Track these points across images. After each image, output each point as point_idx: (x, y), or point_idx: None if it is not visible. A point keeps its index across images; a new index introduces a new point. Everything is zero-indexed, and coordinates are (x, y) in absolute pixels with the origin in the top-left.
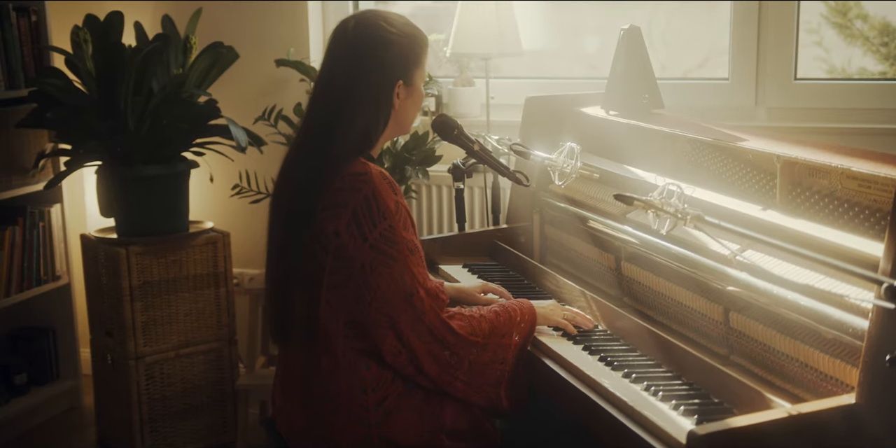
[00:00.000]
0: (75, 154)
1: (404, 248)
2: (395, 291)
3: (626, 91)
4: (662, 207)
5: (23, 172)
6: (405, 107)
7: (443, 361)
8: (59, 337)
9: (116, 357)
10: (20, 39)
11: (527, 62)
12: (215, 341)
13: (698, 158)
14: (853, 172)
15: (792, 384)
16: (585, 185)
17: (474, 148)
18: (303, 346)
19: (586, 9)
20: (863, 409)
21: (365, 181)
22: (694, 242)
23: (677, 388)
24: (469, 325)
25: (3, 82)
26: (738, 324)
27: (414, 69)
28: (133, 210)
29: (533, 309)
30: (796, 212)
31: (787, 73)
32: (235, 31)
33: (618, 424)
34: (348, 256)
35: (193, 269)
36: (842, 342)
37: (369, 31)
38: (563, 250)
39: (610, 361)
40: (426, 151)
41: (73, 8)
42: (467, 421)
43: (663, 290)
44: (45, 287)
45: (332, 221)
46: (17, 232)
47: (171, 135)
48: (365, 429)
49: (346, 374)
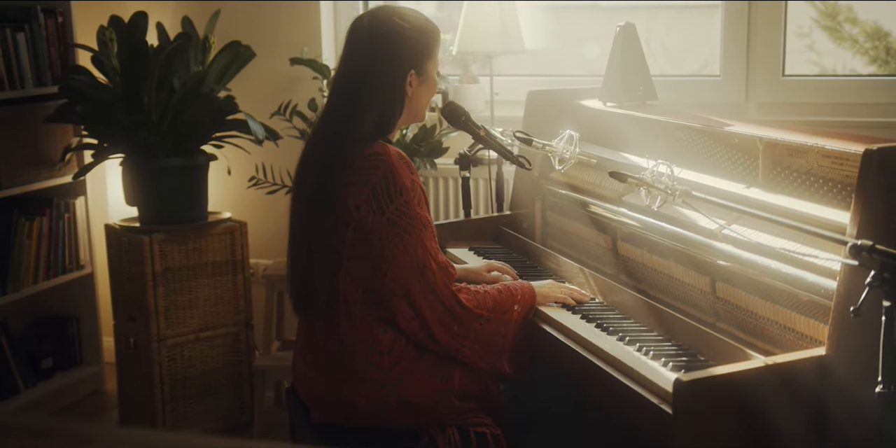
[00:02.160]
0: (101, 147)
1: (418, 223)
2: (409, 262)
3: (621, 84)
4: (653, 184)
5: (49, 166)
6: (418, 94)
7: (451, 330)
8: (83, 324)
9: (139, 340)
10: (47, 39)
11: (529, 62)
12: (233, 325)
13: (689, 144)
14: (827, 151)
15: (772, 345)
16: (584, 171)
17: (480, 133)
18: (323, 314)
19: (587, 15)
20: (832, 360)
21: (384, 160)
22: (684, 220)
23: (667, 348)
24: (475, 298)
25: (31, 80)
26: (723, 293)
27: (426, 60)
28: (155, 200)
29: (532, 289)
30: (777, 189)
31: (775, 70)
32: (252, 31)
33: (613, 381)
34: (367, 229)
35: (212, 256)
36: (816, 303)
37: (383, 26)
38: (563, 234)
39: (605, 327)
40: (434, 143)
41: (96, 9)
42: (474, 383)
43: (656, 266)
44: (69, 276)
45: (353, 197)
46: (45, 223)
47: (192, 128)
48: (380, 389)
49: (364, 338)
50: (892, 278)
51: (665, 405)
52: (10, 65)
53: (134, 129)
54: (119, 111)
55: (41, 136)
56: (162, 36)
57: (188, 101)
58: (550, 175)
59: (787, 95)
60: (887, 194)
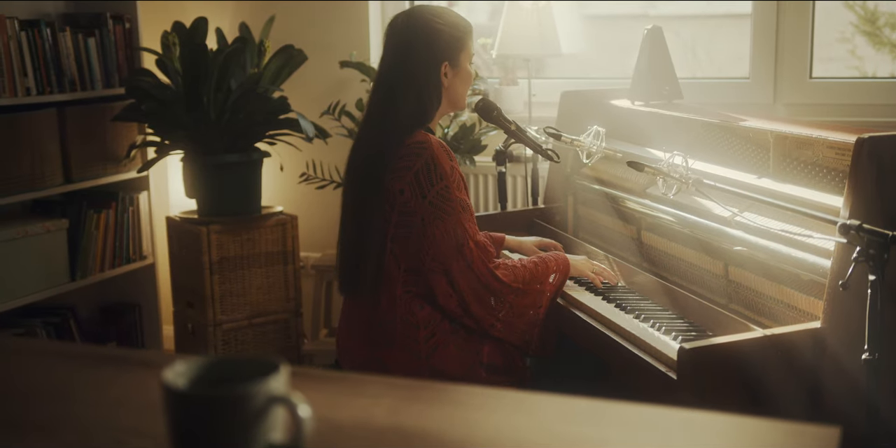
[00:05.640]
0: (163, 144)
1: (457, 206)
2: (448, 242)
3: (648, 84)
4: (668, 173)
5: (116, 162)
6: (454, 84)
7: (487, 304)
8: (145, 311)
9: (196, 325)
10: (116, 44)
11: (576, 68)
12: (283, 313)
13: (708, 139)
14: (831, 142)
15: (778, 323)
16: (612, 166)
17: (511, 127)
18: (369, 293)
19: (637, 24)
20: (826, 332)
21: (426, 148)
22: (701, 209)
23: (679, 325)
24: (512, 273)
25: (100, 81)
26: (735, 276)
27: (459, 53)
28: (213, 194)
29: (567, 260)
30: (786, 178)
31: (802, 72)
32: (304, 35)
33: (626, 352)
34: (410, 211)
35: (265, 247)
36: (815, 282)
37: (417, 22)
38: (592, 226)
39: (624, 307)
40: (473, 141)
41: (160, 15)
42: (502, 357)
43: (676, 253)
44: (133, 265)
45: (398, 182)
46: (111, 215)
47: (247, 127)
48: (416, 359)
49: (403, 313)
50: (877, 254)
51: (672, 372)
52: (81, 67)
53: (194, 127)
54: (180, 110)
55: (109, 134)
56: (221, 40)
57: (244, 101)
58: (581, 170)
59: (815, 97)
60: (877, 179)
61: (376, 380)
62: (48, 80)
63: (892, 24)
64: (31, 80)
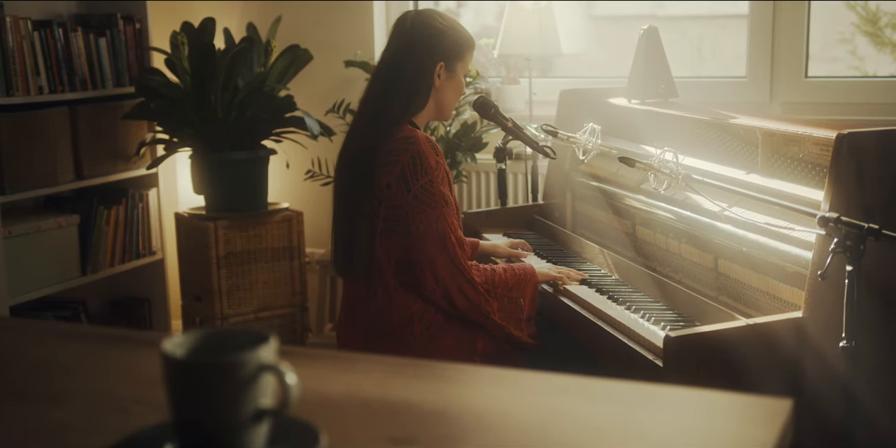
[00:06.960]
0: (172, 142)
1: (440, 200)
2: (432, 235)
3: (644, 82)
4: (659, 169)
5: (126, 159)
6: (444, 88)
7: (472, 298)
8: (154, 306)
9: (204, 318)
10: (126, 44)
11: (582, 68)
12: (289, 307)
13: (700, 136)
14: (816, 139)
15: (764, 314)
16: (608, 163)
17: (508, 124)
18: (363, 282)
19: (637, 26)
20: (807, 321)
21: (412, 143)
22: (693, 204)
23: (668, 315)
24: (483, 275)
25: (111, 80)
26: (724, 268)
27: (456, 60)
28: (220, 190)
29: (533, 269)
30: (774, 174)
31: (798, 71)
32: (310, 35)
33: (615, 341)
34: (396, 205)
35: (271, 242)
36: (799, 274)
37: (423, 21)
38: (589, 222)
39: (615, 298)
40: (474, 139)
41: (169, 16)
42: (496, 348)
43: (668, 247)
44: (142, 260)
45: (385, 176)
46: (121, 211)
47: (254, 125)
48: (411, 351)
49: (398, 306)
50: (854, 245)
51: (658, 360)
52: (92, 67)
53: (202, 125)
54: (189, 109)
55: (119, 132)
56: (228, 40)
57: (251, 100)
58: (579, 167)
59: (810, 95)
60: (856, 173)
61: (367, 358)
62: (60, 79)
63: (893, 25)
64: (43, 79)
